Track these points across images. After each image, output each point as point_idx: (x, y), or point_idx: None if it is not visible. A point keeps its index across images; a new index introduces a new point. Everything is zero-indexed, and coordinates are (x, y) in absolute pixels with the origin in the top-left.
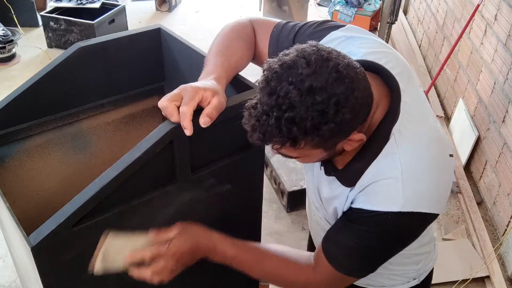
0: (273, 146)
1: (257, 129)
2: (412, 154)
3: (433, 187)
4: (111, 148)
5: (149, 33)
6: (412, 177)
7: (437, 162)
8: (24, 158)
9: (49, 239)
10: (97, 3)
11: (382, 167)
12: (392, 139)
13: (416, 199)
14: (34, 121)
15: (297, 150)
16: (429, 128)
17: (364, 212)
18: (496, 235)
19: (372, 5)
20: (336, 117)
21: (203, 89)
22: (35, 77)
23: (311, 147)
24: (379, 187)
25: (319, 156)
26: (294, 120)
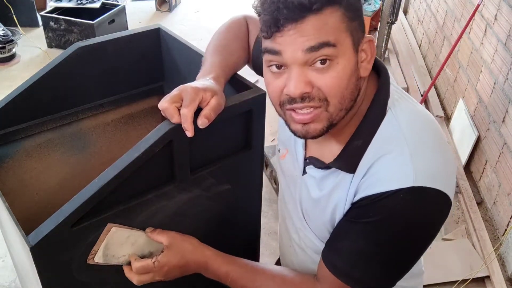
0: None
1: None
2: (414, 126)
3: (443, 163)
4: (110, 148)
5: (148, 33)
6: (419, 148)
7: (440, 139)
8: (23, 158)
9: (48, 239)
10: (97, 3)
11: (384, 141)
12: (389, 112)
13: (428, 172)
14: (33, 121)
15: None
16: (422, 108)
17: (370, 199)
18: (496, 235)
19: (372, 5)
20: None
21: (203, 90)
22: (34, 77)
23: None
24: (385, 163)
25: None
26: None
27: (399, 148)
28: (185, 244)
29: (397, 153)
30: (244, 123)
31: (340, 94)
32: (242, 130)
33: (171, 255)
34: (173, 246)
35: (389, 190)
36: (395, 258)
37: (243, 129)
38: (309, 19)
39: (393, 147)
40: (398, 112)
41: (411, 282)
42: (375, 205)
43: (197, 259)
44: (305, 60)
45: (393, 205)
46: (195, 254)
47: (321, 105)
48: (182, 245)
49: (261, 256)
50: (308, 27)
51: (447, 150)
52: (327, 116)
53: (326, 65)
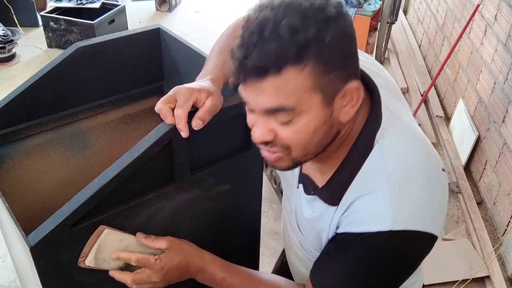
0: (270, 72)
1: (249, 53)
2: (399, 163)
3: (426, 202)
4: (110, 148)
5: (148, 33)
6: (401, 190)
7: (429, 175)
8: (23, 158)
9: (48, 239)
10: (97, 3)
11: (367, 178)
12: (376, 146)
13: (409, 215)
14: (33, 121)
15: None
16: (418, 137)
17: (351, 236)
18: (496, 235)
19: (372, 5)
20: (338, 24)
21: (198, 90)
22: (34, 77)
23: (311, 85)
24: (364, 203)
25: (316, 116)
26: (293, 26)
27: (380, 189)
28: (185, 246)
29: (378, 194)
30: (244, 123)
31: (302, 145)
32: (242, 130)
33: (173, 256)
34: (174, 248)
35: (368, 231)
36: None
37: (243, 129)
38: (268, 80)
39: (375, 186)
40: (386, 146)
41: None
42: (355, 241)
43: (196, 262)
44: (267, 114)
45: (372, 244)
46: (195, 257)
47: (283, 151)
48: (183, 247)
49: (261, 256)
50: (268, 87)
51: (437, 182)
52: (291, 158)
53: (287, 120)
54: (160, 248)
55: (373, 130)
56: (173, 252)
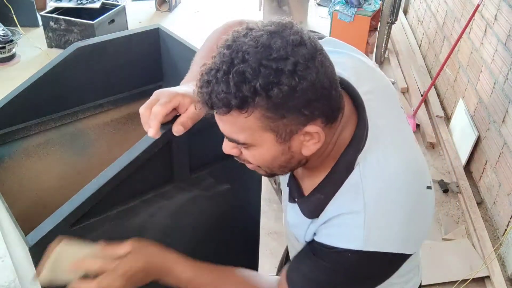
0: (218, 111)
1: (204, 87)
2: (378, 187)
3: (402, 225)
4: (109, 148)
5: (147, 33)
6: (376, 213)
7: (408, 197)
8: (23, 158)
9: (47, 239)
10: (97, 3)
11: (345, 200)
12: (356, 168)
13: (380, 239)
14: (33, 121)
15: (246, 129)
16: (403, 158)
17: (325, 247)
18: (496, 235)
19: (372, 5)
20: (292, 80)
21: (182, 95)
22: (34, 77)
23: (261, 125)
24: (341, 221)
25: (271, 150)
26: (244, 74)
27: (356, 211)
28: (149, 247)
29: (353, 215)
30: None
31: (266, 166)
32: None
33: (135, 259)
34: (137, 250)
35: (339, 247)
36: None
37: None
38: (220, 115)
39: (351, 208)
40: (367, 168)
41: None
42: (329, 253)
43: (161, 262)
44: None
45: (342, 259)
46: (160, 257)
47: (252, 164)
48: (146, 249)
49: (261, 256)
50: (222, 119)
51: (417, 208)
52: (264, 171)
53: (245, 147)
54: (123, 253)
55: (355, 152)
56: (136, 255)
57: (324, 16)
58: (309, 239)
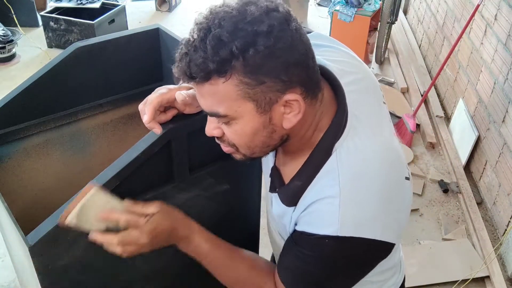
0: (198, 79)
1: (183, 58)
2: (354, 173)
3: (377, 211)
4: (109, 148)
5: (147, 33)
6: (351, 198)
7: (384, 184)
8: (23, 158)
9: (47, 239)
10: (97, 3)
11: (321, 185)
12: (334, 155)
13: (355, 223)
14: (33, 121)
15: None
16: (380, 146)
17: (305, 235)
18: (496, 235)
19: (372, 5)
20: (267, 40)
21: (178, 87)
22: (33, 77)
23: (240, 93)
24: (318, 207)
25: (252, 121)
26: (220, 38)
27: (332, 196)
28: (175, 212)
29: (329, 200)
30: None
31: (246, 146)
32: None
33: (163, 219)
34: (165, 212)
35: (318, 233)
36: (324, 283)
37: None
38: (202, 85)
39: (327, 193)
40: (343, 154)
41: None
42: (308, 241)
43: (184, 229)
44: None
45: (321, 246)
46: (184, 224)
47: (231, 147)
48: (173, 212)
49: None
50: (203, 92)
51: (394, 196)
52: (242, 154)
53: (225, 121)
54: (150, 212)
55: (333, 138)
56: (163, 215)
57: (324, 16)
58: (291, 229)
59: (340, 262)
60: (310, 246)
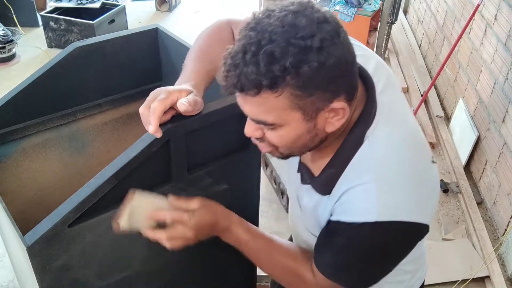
0: (248, 93)
1: (232, 70)
2: (386, 158)
3: (412, 194)
4: (108, 148)
5: (146, 33)
6: (386, 183)
7: (416, 168)
8: (21, 157)
9: (45, 239)
10: (97, 3)
11: (355, 172)
12: (366, 142)
13: (393, 206)
14: (31, 121)
15: (274, 109)
16: (408, 132)
17: (342, 224)
18: (496, 235)
19: (372, 5)
20: (320, 56)
21: (178, 91)
22: (32, 77)
23: (290, 104)
24: (353, 194)
25: (297, 128)
26: (273, 54)
27: (367, 182)
28: (215, 205)
29: (365, 187)
30: (241, 123)
31: (287, 147)
32: (239, 130)
33: (205, 213)
34: (206, 206)
35: (356, 222)
36: (366, 271)
37: (240, 129)
38: (248, 97)
39: (362, 180)
40: (375, 141)
41: (408, 267)
42: (346, 230)
43: (224, 221)
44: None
45: (361, 235)
46: (224, 216)
47: (271, 147)
48: (214, 206)
49: None
50: (249, 102)
51: (424, 178)
52: (280, 153)
53: (270, 128)
54: (192, 208)
55: (365, 126)
56: (204, 210)
57: None
58: (325, 221)
59: (379, 249)
60: (348, 236)
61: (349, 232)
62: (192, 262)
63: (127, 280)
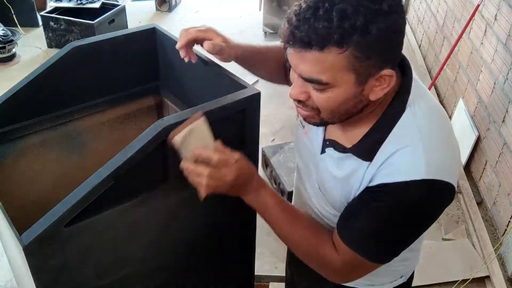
0: (315, 47)
1: (301, 24)
2: (428, 123)
3: (450, 157)
4: (105, 148)
5: (144, 32)
6: (432, 144)
7: (450, 135)
8: (18, 158)
9: (41, 239)
10: (97, 3)
11: (400, 136)
12: (408, 109)
13: (437, 166)
14: (29, 120)
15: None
16: (438, 105)
17: (384, 186)
18: (496, 235)
19: None
20: (388, 20)
21: (216, 33)
22: (29, 77)
23: (348, 65)
24: (400, 156)
25: (347, 91)
26: (346, 12)
27: (414, 143)
28: (252, 165)
29: (412, 148)
30: (238, 122)
31: (330, 111)
32: (236, 129)
33: (246, 163)
34: (246, 160)
35: (403, 180)
36: (400, 238)
37: (237, 128)
38: (311, 52)
39: (409, 142)
40: (417, 109)
41: (417, 245)
42: (389, 192)
43: (258, 180)
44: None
45: (405, 193)
46: (258, 177)
47: (313, 111)
48: (251, 164)
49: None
50: (309, 59)
51: (456, 145)
52: (320, 118)
53: (321, 88)
54: (236, 158)
55: (405, 97)
56: (246, 161)
57: None
58: (362, 189)
59: (420, 210)
60: (392, 197)
61: (393, 194)
62: (189, 262)
63: (124, 279)
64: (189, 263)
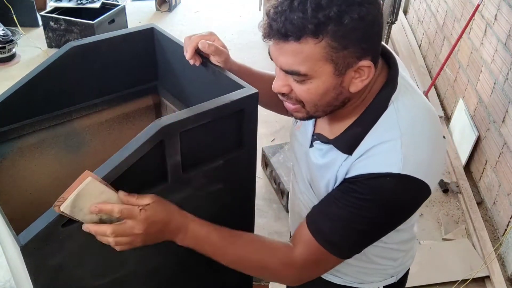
0: (291, 37)
1: (278, 16)
2: (411, 121)
3: (430, 156)
4: (104, 148)
5: (142, 32)
6: (411, 141)
7: (433, 134)
8: (17, 157)
9: (39, 239)
10: (97, 3)
11: (381, 132)
12: (391, 106)
13: (414, 163)
14: (27, 120)
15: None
16: (426, 104)
17: (360, 177)
18: (496, 235)
19: None
20: (360, 10)
21: (217, 37)
22: (28, 76)
23: (325, 55)
24: (379, 149)
25: (326, 82)
26: (320, 3)
27: (394, 139)
28: (170, 204)
29: (391, 143)
30: (236, 122)
31: (313, 103)
32: (234, 129)
33: (158, 209)
34: (160, 203)
35: (379, 172)
36: (370, 230)
37: (235, 128)
38: (289, 44)
39: (389, 137)
40: (400, 106)
41: (403, 246)
42: (365, 183)
43: (180, 219)
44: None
45: (380, 186)
46: (179, 214)
47: (298, 104)
48: (167, 204)
49: None
50: (288, 50)
51: (440, 145)
52: (306, 111)
53: (300, 80)
54: (144, 204)
55: (389, 93)
56: (158, 205)
57: None
58: (339, 181)
59: (392, 204)
60: (366, 188)
61: (366, 183)
62: (188, 262)
63: (121, 280)
64: (188, 263)
